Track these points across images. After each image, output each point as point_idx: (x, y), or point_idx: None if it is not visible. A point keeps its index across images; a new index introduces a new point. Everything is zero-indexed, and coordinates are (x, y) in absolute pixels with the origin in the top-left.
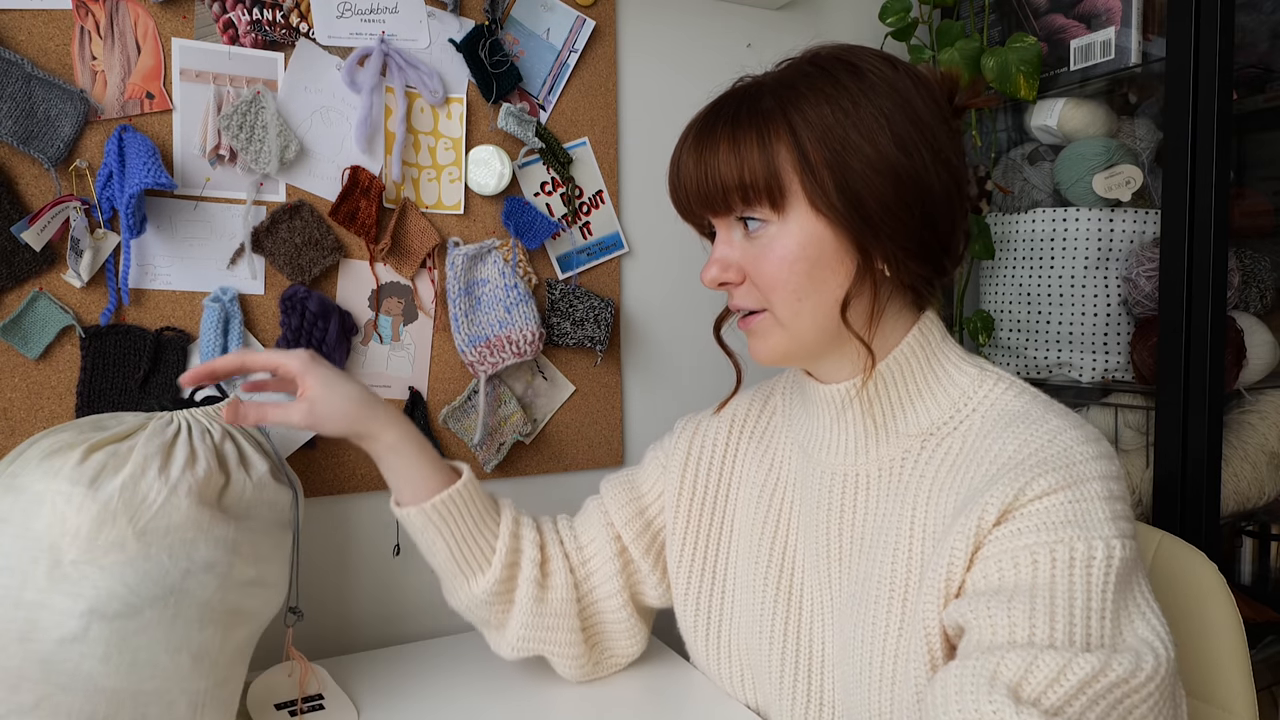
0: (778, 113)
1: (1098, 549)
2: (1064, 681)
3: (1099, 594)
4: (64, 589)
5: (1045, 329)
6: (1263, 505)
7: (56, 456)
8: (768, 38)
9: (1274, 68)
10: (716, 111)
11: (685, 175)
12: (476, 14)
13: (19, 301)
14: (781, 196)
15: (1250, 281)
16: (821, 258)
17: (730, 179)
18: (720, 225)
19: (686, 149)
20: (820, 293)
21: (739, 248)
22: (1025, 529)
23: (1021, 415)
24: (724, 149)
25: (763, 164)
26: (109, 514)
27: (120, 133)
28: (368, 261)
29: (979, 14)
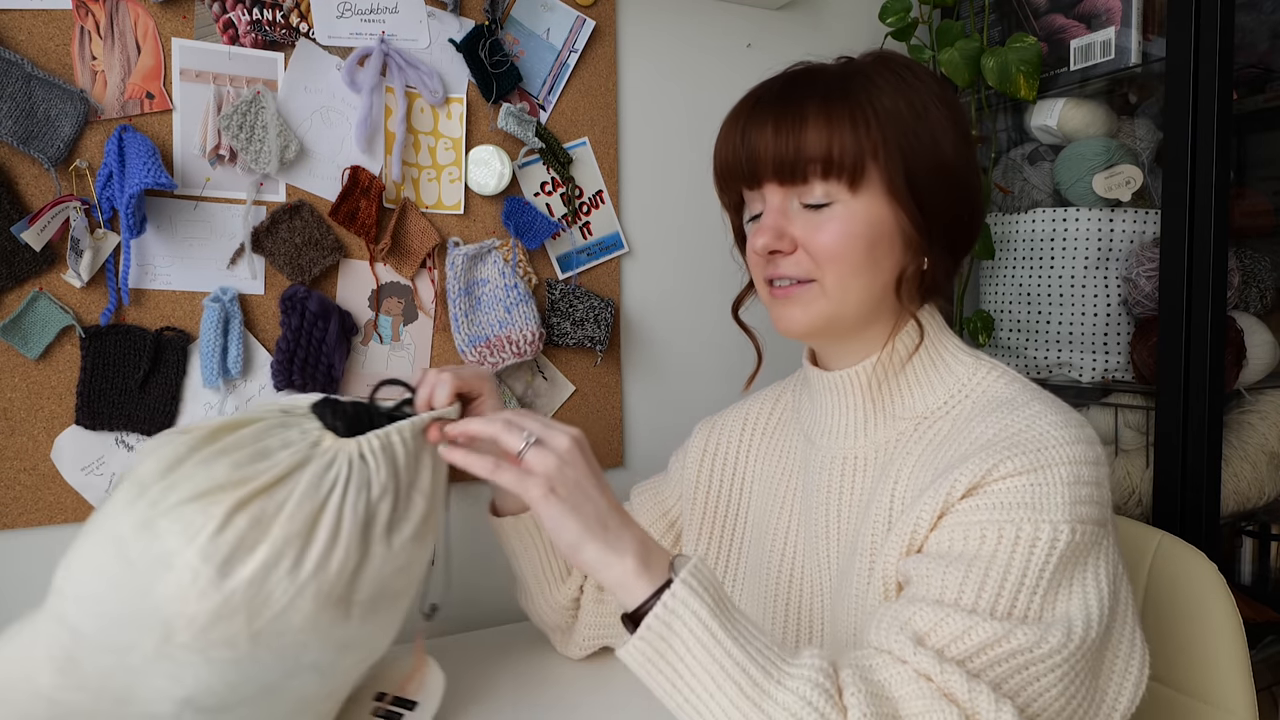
0: (865, 99)
1: (1044, 531)
2: (965, 640)
3: (1034, 573)
4: (166, 669)
5: (1045, 329)
6: (1263, 505)
7: (201, 506)
8: (768, 38)
9: (1274, 68)
10: (796, 84)
11: (759, 142)
12: (476, 14)
13: (19, 301)
14: (861, 176)
15: (1250, 281)
16: (880, 239)
17: (816, 150)
18: (776, 195)
19: (760, 117)
20: (871, 272)
21: (795, 219)
22: (984, 505)
23: (1007, 401)
24: (814, 122)
25: (853, 143)
26: (230, 609)
27: (120, 133)
28: (368, 261)
29: (979, 14)
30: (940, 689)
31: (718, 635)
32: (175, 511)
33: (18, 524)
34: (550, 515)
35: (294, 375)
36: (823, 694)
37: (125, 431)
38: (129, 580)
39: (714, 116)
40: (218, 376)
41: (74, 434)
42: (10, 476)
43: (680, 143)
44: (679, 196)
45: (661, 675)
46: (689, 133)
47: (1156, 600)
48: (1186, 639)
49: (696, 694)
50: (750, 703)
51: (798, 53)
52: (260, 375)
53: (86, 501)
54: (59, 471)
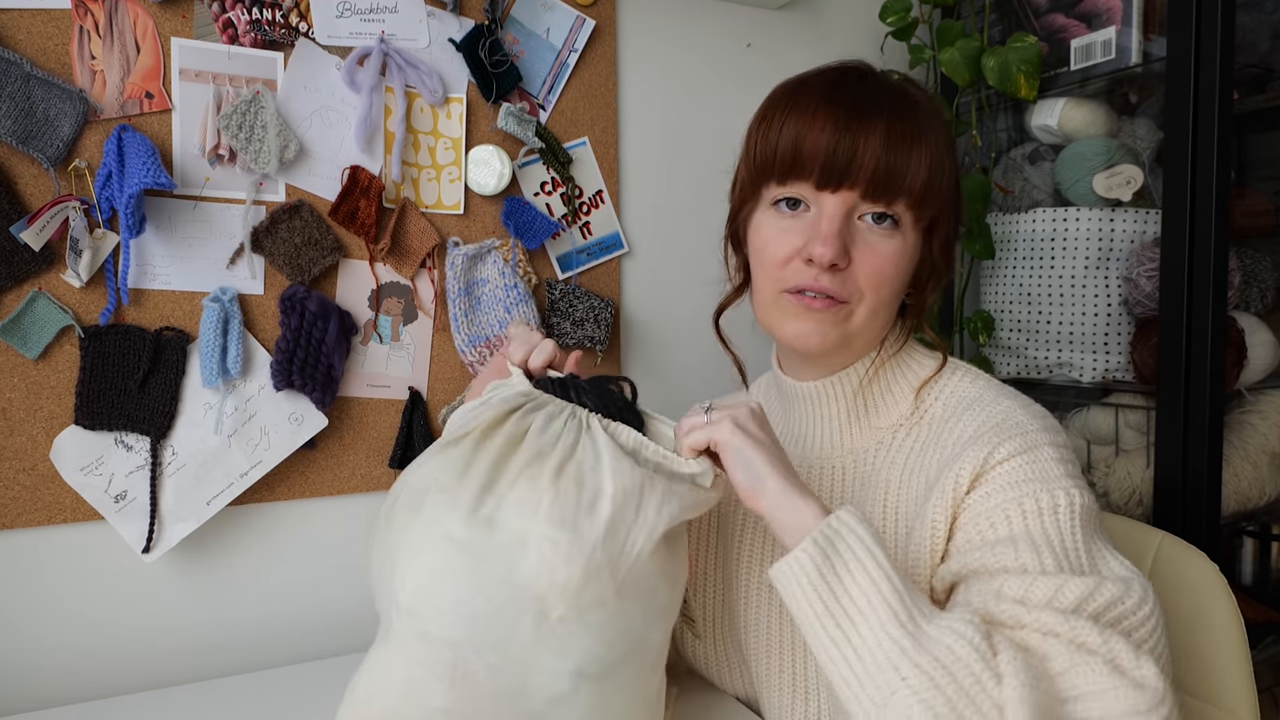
0: (947, 139)
1: (1060, 498)
2: (1062, 596)
3: (1070, 535)
4: (551, 646)
5: (1046, 329)
6: (1263, 505)
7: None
8: (768, 38)
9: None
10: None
11: (862, 145)
12: (476, 14)
13: (18, 301)
14: (933, 212)
15: (1251, 281)
16: (909, 269)
17: (920, 174)
18: (845, 201)
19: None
20: (895, 300)
21: (853, 232)
22: (994, 490)
23: (976, 399)
24: (925, 148)
25: (948, 181)
26: (594, 567)
27: (119, 132)
28: (367, 261)
29: (979, 14)
30: (1072, 641)
31: (880, 560)
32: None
33: (16, 524)
34: (737, 446)
35: (294, 375)
36: (981, 636)
37: (124, 431)
38: (487, 574)
39: (714, 116)
40: (217, 376)
41: (73, 434)
42: (9, 476)
43: (680, 143)
44: (679, 196)
45: (815, 593)
46: (689, 133)
47: None
48: (1187, 639)
49: (850, 617)
50: (904, 631)
51: (797, 53)
52: (260, 375)
53: (86, 502)
54: (58, 471)
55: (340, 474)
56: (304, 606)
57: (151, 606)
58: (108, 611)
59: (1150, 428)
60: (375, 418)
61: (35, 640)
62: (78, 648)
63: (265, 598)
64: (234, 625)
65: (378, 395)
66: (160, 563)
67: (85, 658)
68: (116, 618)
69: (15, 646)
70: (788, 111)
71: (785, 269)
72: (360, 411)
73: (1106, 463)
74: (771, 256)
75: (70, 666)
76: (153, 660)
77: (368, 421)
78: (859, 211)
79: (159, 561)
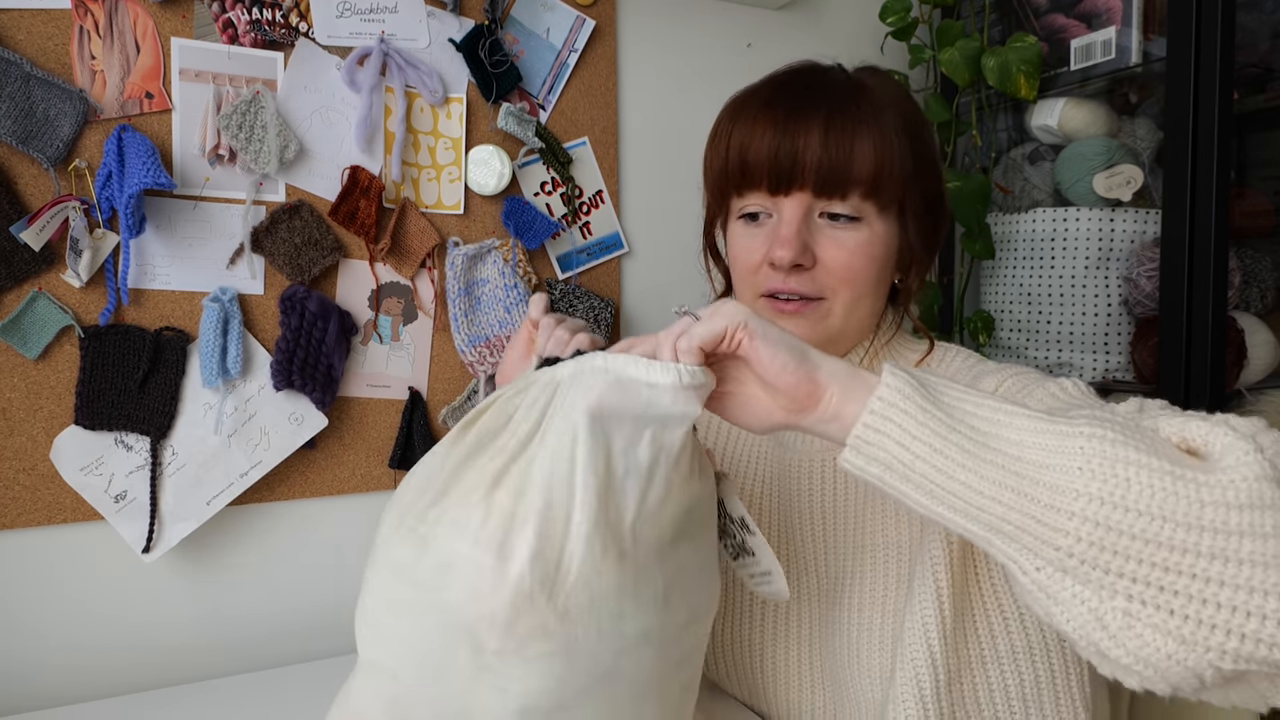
0: (901, 120)
1: (1066, 385)
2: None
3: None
4: (490, 682)
5: (1046, 329)
6: None
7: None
8: (768, 38)
9: (1275, 67)
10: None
11: (802, 147)
12: (476, 13)
13: (18, 301)
14: (897, 197)
15: (1251, 281)
16: (889, 260)
17: (866, 165)
18: (800, 204)
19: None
20: (876, 292)
21: (815, 232)
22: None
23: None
24: (868, 136)
25: (901, 163)
26: (524, 595)
27: (119, 132)
28: (367, 261)
29: (979, 14)
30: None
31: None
32: (441, 516)
33: (16, 524)
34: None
35: (294, 375)
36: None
37: (124, 431)
38: (420, 603)
39: (714, 116)
40: (217, 376)
41: (73, 434)
42: (9, 477)
43: (680, 143)
44: (679, 196)
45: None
46: (689, 133)
47: None
48: None
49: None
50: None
51: (798, 53)
52: (260, 375)
53: (86, 502)
54: (58, 471)
55: (340, 474)
56: (304, 606)
57: (151, 606)
58: (108, 611)
59: None
60: (375, 418)
61: (35, 640)
62: (78, 647)
63: (265, 598)
64: (234, 625)
65: (378, 395)
66: (160, 563)
67: (85, 657)
68: (116, 618)
69: (16, 646)
70: (733, 124)
71: (757, 275)
72: (360, 411)
73: None
74: (743, 265)
75: (71, 666)
76: (153, 660)
77: (368, 421)
78: (817, 210)
79: (159, 561)
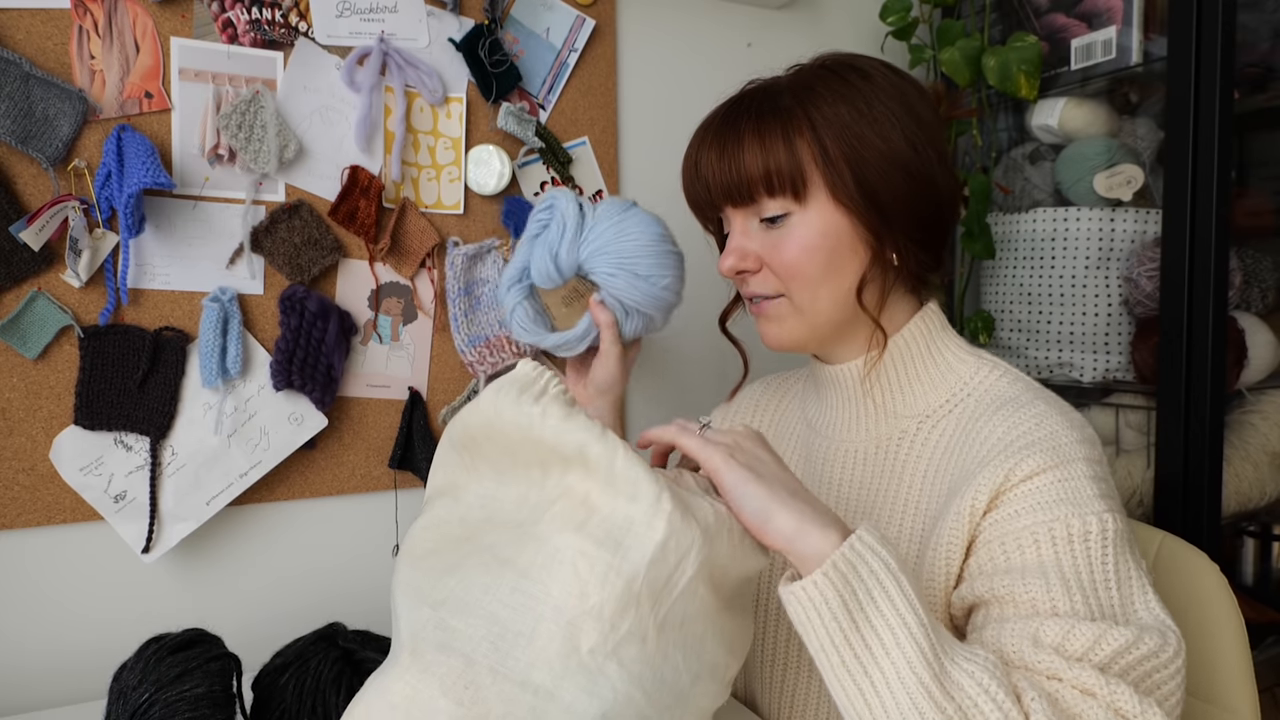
0: (798, 109)
1: (1092, 524)
2: (1101, 648)
3: (1101, 568)
4: (579, 682)
5: (1046, 329)
6: (1264, 506)
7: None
8: (768, 38)
9: (1276, 67)
10: (736, 108)
11: (707, 169)
12: (476, 13)
13: (18, 301)
14: (804, 187)
15: (1252, 281)
16: (839, 246)
17: (755, 171)
18: (737, 217)
19: (706, 144)
20: (836, 280)
21: (756, 237)
22: (1019, 511)
23: (1011, 400)
24: (749, 142)
25: (787, 157)
26: (633, 595)
27: (119, 132)
28: (367, 261)
29: (980, 13)
30: (1109, 704)
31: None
32: (551, 509)
33: (16, 524)
34: (734, 481)
35: (293, 375)
36: (1002, 688)
37: (124, 432)
38: (521, 590)
39: None
40: (217, 376)
41: (73, 434)
42: (9, 477)
43: (680, 143)
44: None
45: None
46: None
47: None
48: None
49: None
50: (930, 672)
51: (798, 53)
52: (259, 375)
53: (85, 502)
54: (58, 471)
55: (340, 474)
56: (304, 606)
57: (151, 606)
58: (107, 611)
59: (1151, 428)
60: (375, 418)
61: (35, 640)
62: (78, 648)
63: (265, 598)
64: (233, 625)
65: (377, 395)
66: (160, 563)
67: (85, 658)
68: (116, 618)
69: (15, 646)
70: (682, 167)
71: (736, 284)
72: (360, 411)
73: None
74: None
75: (70, 666)
76: None
77: (367, 421)
78: (751, 218)
79: (159, 561)
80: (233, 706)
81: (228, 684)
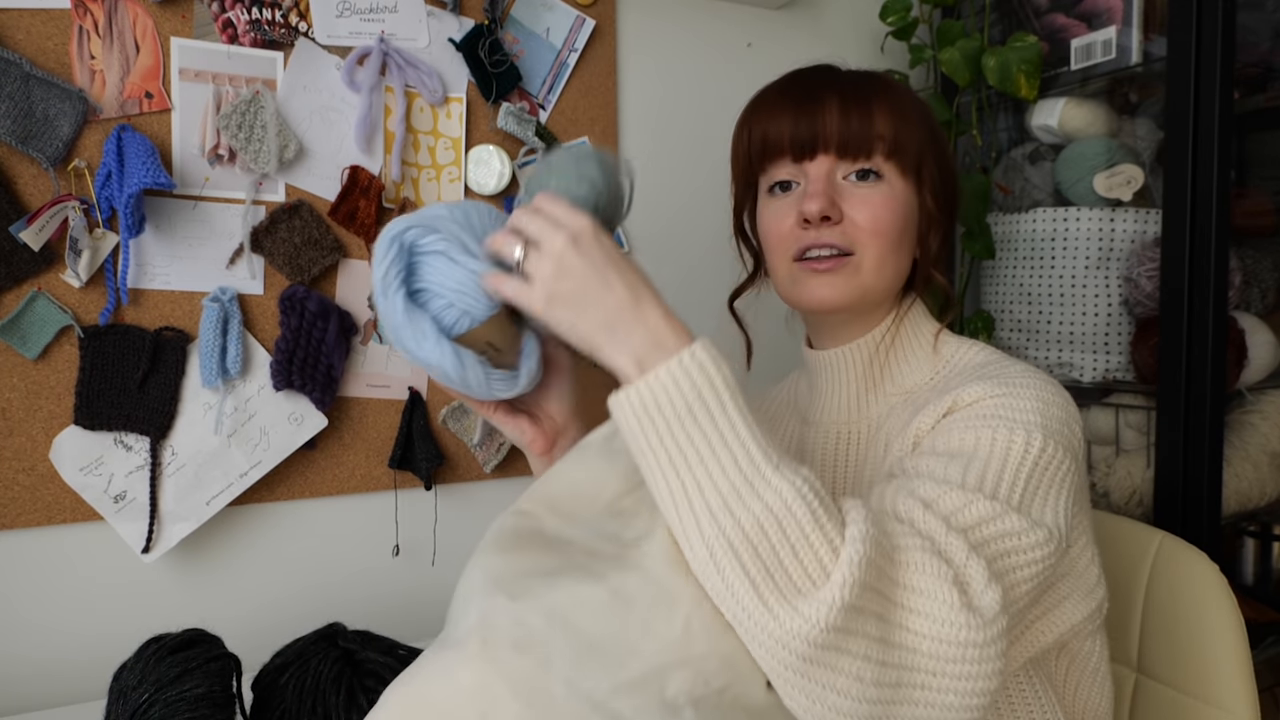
0: (911, 99)
1: (1019, 436)
2: (965, 513)
3: (1013, 472)
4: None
5: (1046, 329)
6: (1264, 505)
7: None
8: (768, 38)
9: (1275, 67)
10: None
11: (822, 118)
12: (476, 13)
13: (18, 301)
14: (915, 162)
15: (1252, 281)
16: (910, 222)
17: (885, 130)
18: (822, 166)
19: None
20: (901, 251)
21: (840, 190)
22: (962, 419)
23: (980, 366)
24: (883, 106)
25: (918, 130)
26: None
27: (119, 132)
28: (367, 261)
29: (980, 13)
30: (939, 549)
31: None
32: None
33: (16, 524)
34: (557, 322)
35: (293, 375)
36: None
37: (124, 432)
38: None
39: (714, 116)
40: (217, 376)
41: (73, 434)
42: (9, 477)
43: (680, 142)
44: (679, 196)
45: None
46: (689, 132)
47: (1158, 600)
48: (1188, 640)
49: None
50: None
51: (798, 53)
52: (259, 375)
53: (85, 502)
54: (58, 471)
55: (340, 474)
56: (304, 606)
57: (151, 606)
58: (107, 611)
59: (1150, 428)
60: (375, 418)
61: (35, 640)
62: (78, 648)
63: (265, 598)
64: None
65: (377, 395)
66: (160, 563)
67: (85, 658)
68: (116, 618)
69: (16, 646)
70: (752, 114)
71: (789, 238)
72: (360, 411)
73: (1107, 463)
74: (775, 231)
75: (71, 666)
76: None
77: (367, 421)
78: (841, 172)
79: (158, 561)
80: (233, 706)
81: (228, 684)
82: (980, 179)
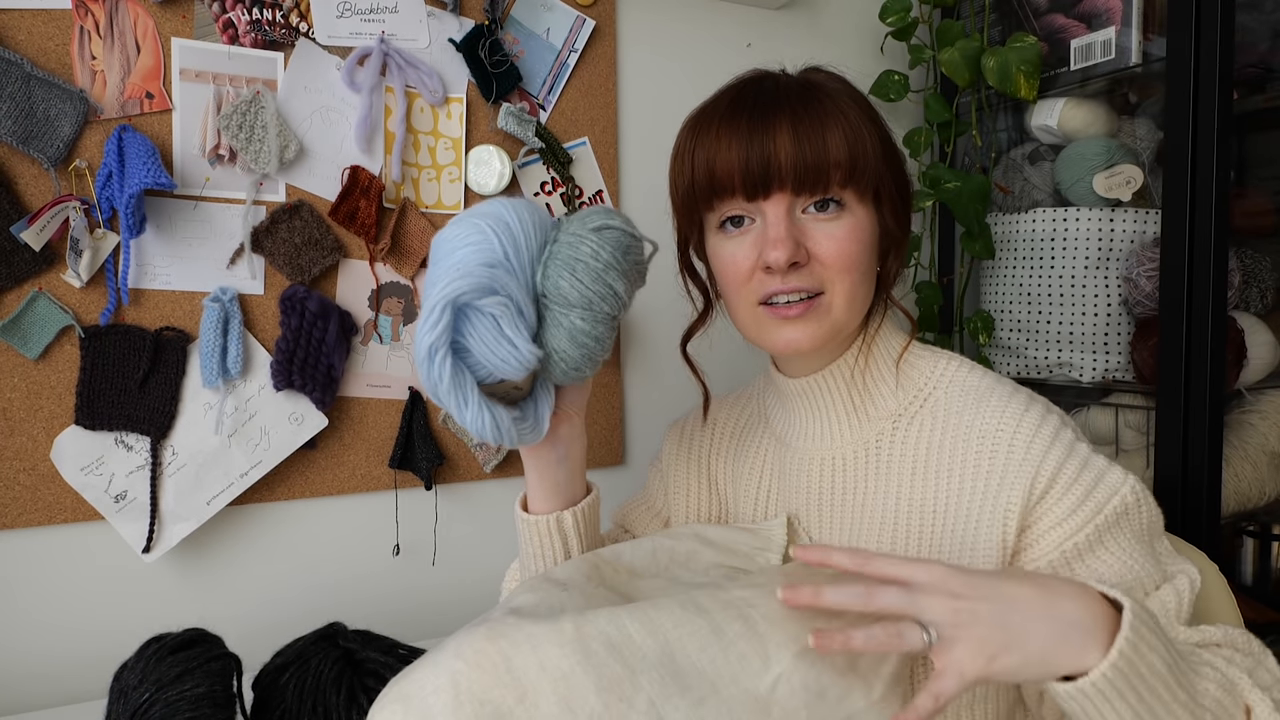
0: (859, 109)
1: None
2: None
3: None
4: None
5: (1045, 329)
6: (1264, 505)
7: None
8: (768, 38)
9: (1274, 67)
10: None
11: (774, 148)
12: (476, 14)
13: (19, 301)
14: (873, 183)
15: (1251, 281)
16: (873, 246)
17: (841, 155)
18: (779, 205)
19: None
20: (869, 279)
21: (801, 226)
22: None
23: (986, 391)
24: (835, 128)
25: (873, 149)
26: None
27: (120, 132)
28: (367, 261)
29: (979, 14)
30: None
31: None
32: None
33: (16, 524)
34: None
35: (294, 375)
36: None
37: (124, 431)
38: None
39: None
40: (217, 376)
41: (73, 434)
42: (9, 476)
43: None
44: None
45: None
46: None
47: None
48: None
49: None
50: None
51: (798, 53)
52: (260, 375)
53: (86, 502)
54: (58, 471)
55: (340, 474)
56: (304, 606)
57: (151, 606)
58: (108, 611)
59: (1150, 428)
60: (375, 418)
61: (35, 640)
62: (78, 647)
63: (265, 597)
64: (233, 625)
65: (378, 395)
66: (160, 563)
67: (85, 657)
68: (116, 617)
69: (16, 646)
70: (695, 141)
71: (751, 283)
72: (360, 411)
73: None
74: (732, 276)
75: (70, 666)
76: None
77: (368, 421)
78: (800, 206)
79: (159, 561)
80: (233, 706)
81: (228, 684)
82: (980, 179)
